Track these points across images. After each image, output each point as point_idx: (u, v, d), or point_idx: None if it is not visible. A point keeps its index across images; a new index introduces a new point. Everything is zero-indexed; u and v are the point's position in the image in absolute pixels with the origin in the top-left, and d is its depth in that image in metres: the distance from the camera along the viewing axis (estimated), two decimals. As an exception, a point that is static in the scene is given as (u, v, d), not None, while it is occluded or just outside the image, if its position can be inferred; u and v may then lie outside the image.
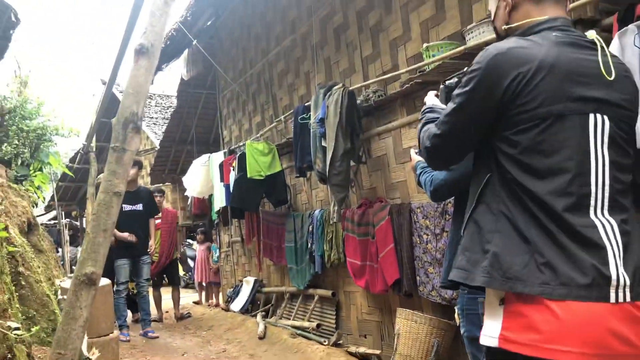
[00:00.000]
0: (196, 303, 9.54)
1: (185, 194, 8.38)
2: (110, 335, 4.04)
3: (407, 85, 4.01)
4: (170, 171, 12.15)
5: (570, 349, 1.22)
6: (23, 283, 4.81)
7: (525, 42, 1.41)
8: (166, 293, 8.28)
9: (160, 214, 7.76)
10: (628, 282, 1.28)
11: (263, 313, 6.82)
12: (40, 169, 12.17)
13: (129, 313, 7.16)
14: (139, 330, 6.65)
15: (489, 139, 1.44)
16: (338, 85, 4.54)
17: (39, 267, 6.12)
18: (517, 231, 1.34)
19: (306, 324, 5.61)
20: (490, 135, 1.43)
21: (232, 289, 8.13)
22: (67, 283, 4.13)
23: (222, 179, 7.05)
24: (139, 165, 6.90)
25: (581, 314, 1.24)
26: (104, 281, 4.22)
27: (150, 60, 2.03)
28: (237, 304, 7.50)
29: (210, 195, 7.92)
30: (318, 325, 5.47)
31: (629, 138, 1.43)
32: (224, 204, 7.02)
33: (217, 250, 9.51)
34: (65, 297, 3.13)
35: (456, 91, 1.46)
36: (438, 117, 1.60)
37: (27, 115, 11.98)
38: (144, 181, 14.36)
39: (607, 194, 1.35)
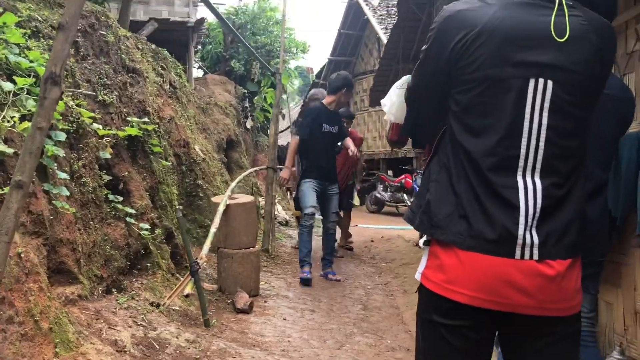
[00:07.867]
0: None
1: (384, 117, 9.38)
2: (251, 248, 5.58)
3: None
4: (392, 93, 13.20)
5: (464, 292, 1.68)
6: (201, 195, 6.70)
7: (477, 2, 1.74)
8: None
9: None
10: (536, 242, 1.66)
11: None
12: (272, 85, 14.52)
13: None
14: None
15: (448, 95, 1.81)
16: None
17: (226, 182, 8.15)
18: (450, 183, 1.75)
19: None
20: (448, 92, 1.80)
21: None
22: (218, 197, 5.81)
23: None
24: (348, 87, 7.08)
25: (482, 265, 1.67)
26: (247, 198, 5.77)
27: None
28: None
29: (409, 121, 8.83)
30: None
31: (580, 102, 1.71)
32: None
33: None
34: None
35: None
36: None
37: (256, 31, 14.33)
38: (364, 104, 16.36)
39: (540, 158, 1.68)
